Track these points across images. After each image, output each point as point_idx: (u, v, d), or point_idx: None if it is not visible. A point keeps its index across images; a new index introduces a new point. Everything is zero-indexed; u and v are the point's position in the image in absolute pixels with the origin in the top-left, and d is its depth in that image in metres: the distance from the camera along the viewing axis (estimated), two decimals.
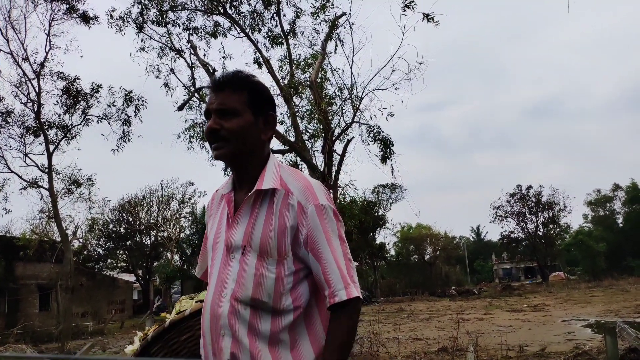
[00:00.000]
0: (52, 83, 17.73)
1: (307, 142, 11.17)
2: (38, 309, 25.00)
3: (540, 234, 42.12)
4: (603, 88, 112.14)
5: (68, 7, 16.90)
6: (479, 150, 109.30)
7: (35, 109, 17.45)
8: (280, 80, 11.50)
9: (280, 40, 12.33)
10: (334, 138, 10.39)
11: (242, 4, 12.00)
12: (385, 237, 56.56)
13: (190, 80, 12.87)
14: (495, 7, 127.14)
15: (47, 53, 17.35)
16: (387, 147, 9.94)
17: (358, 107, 10.14)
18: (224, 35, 12.69)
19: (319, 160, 10.67)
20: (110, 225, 34.59)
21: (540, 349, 9.01)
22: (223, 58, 12.98)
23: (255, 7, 12.09)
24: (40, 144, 18.06)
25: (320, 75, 11.55)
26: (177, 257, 34.42)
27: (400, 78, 9.69)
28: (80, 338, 18.54)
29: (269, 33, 12.42)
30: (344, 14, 11.23)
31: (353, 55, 10.15)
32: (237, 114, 1.42)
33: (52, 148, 17.95)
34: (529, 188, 41.70)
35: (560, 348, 9.07)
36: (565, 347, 9.18)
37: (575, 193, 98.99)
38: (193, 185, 34.60)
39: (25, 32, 17.10)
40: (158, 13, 12.31)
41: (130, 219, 34.36)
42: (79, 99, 17.78)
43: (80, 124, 18.24)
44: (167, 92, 13.10)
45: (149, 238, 35.11)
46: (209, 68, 12.29)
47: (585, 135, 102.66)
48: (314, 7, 11.70)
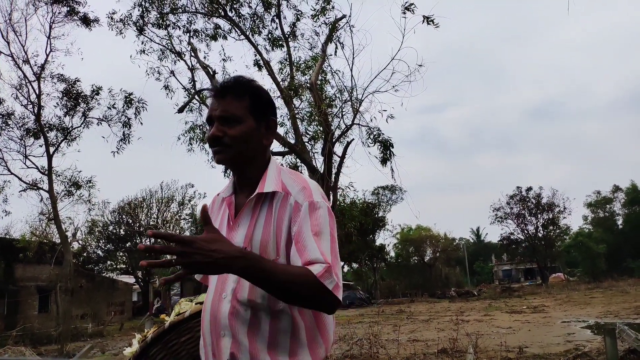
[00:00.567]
0: (52, 85, 17.85)
1: (307, 144, 11.20)
2: (37, 311, 24.99)
3: (540, 236, 42.12)
4: (603, 89, 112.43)
5: (69, 9, 16.96)
6: (479, 152, 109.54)
7: (36, 111, 17.48)
8: (281, 83, 11.53)
9: (281, 43, 12.35)
10: (334, 140, 10.40)
11: (242, 7, 12.04)
12: (385, 238, 57.01)
13: (191, 83, 12.91)
14: (495, 8, 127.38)
15: (47, 55, 17.42)
16: (387, 148, 9.96)
17: (358, 109, 10.17)
18: (225, 38, 12.72)
19: (319, 162, 10.69)
20: (110, 227, 34.60)
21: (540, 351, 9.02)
22: (223, 60, 13.02)
23: (256, 9, 12.13)
24: (41, 146, 18.11)
25: (321, 78, 11.57)
26: None
27: (400, 80, 9.73)
28: (80, 340, 18.53)
29: (269, 35, 12.44)
30: (344, 17, 11.26)
31: (353, 58, 10.18)
32: (239, 121, 1.43)
33: (52, 150, 17.98)
34: (529, 190, 41.76)
35: (560, 349, 9.06)
36: (565, 348, 9.17)
37: (575, 195, 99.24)
38: (193, 187, 34.73)
39: (26, 34, 17.17)
40: (158, 15, 12.34)
41: (130, 221, 34.35)
42: (79, 101, 17.82)
43: (81, 126, 18.31)
44: (167, 94, 13.14)
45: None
46: (209, 70, 12.32)
47: (585, 137, 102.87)
48: (314, 9, 11.74)
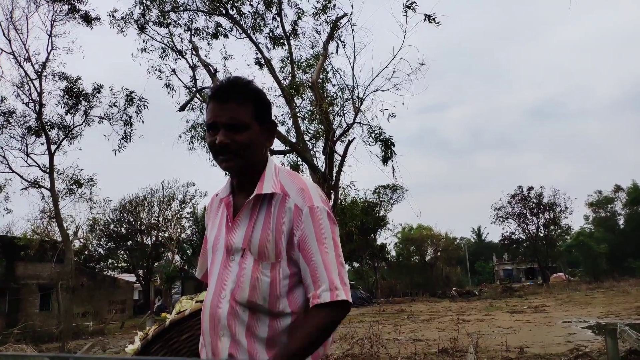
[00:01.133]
0: (53, 83, 17.79)
1: (308, 142, 11.18)
2: (39, 309, 25.03)
3: (541, 235, 42.07)
4: (605, 88, 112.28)
5: (70, 7, 16.94)
6: (480, 151, 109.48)
7: (37, 109, 17.49)
8: (282, 81, 11.52)
9: (282, 41, 12.33)
10: (335, 139, 10.39)
11: (243, 5, 12.02)
12: (386, 237, 56.90)
13: (192, 81, 12.89)
14: (495, 8, 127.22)
15: (48, 53, 17.40)
16: (388, 147, 9.95)
17: (359, 107, 10.16)
18: (226, 36, 12.70)
19: (320, 161, 10.69)
20: (111, 226, 34.63)
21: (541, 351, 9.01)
22: (225, 59, 12.99)
23: (257, 8, 12.10)
24: (42, 144, 18.11)
25: (322, 76, 11.56)
26: (177, 257, 34.43)
27: (402, 79, 9.72)
28: (81, 338, 18.56)
29: (271, 34, 12.42)
30: (346, 15, 11.24)
31: (354, 56, 10.16)
32: (246, 128, 1.41)
33: (53, 148, 17.99)
34: (530, 189, 41.69)
35: (561, 349, 9.05)
36: (566, 348, 9.15)
37: (577, 194, 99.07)
38: (194, 186, 34.69)
39: (27, 32, 17.15)
40: (160, 14, 12.32)
41: (131, 219, 34.38)
42: (81, 100, 17.81)
43: (82, 124, 18.30)
44: (168, 92, 13.12)
45: (150, 238, 35.12)
46: (211, 69, 12.30)
47: (587, 136, 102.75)
48: (316, 8, 11.71)
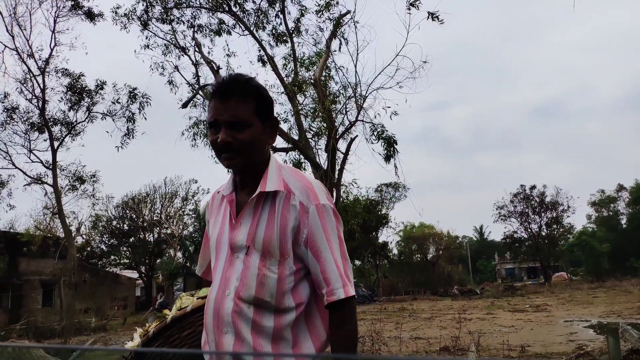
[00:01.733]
0: (56, 80, 17.84)
1: (310, 140, 11.18)
2: (41, 305, 25.11)
3: (544, 234, 42.01)
4: (607, 88, 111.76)
5: (73, 3, 16.96)
6: (483, 150, 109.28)
7: (40, 106, 17.52)
8: (285, 78, 11.51)
9: (285, 38, 12.32)
10: (338, 136, 10.39)
11: (246, 2, 12.01)
12: (388, 236, 56.89)
13: (195, 78, 12.90)
14: (498, 7, 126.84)
15: (52, 50, 17.45)
16: (390, 145, 9.94)
17: (362, 105, 10.15)
18: (229, 33, 12.70)
19: (323, 159, 10.69)
20: (114, 222, 34.69)
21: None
22: (227, 56, 12.99)
23: (260, 5, 12.09)
24: (45, 141, 18.18)
25: (325, 74, 11.54)
26: (180, 254, 34.50)
27: (405, 77, 9.71)
28: (83, 334, 18.62)
29: (274, 31, 12.41)
30: (349, 13, 11.22)
31: (357, 54, 10.16)
32: (248, 125, 1.40)
33: (56, 144, 18.04)
34: (533, 188, 41.60)
35: (563, 349, 9.04)
36: (568, 347, 9.14)
37: (579, 193, 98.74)
38: (196, 183, 34.72)
39: (31, 28, 17.22)
40: (163, 10, 12.33)
41: (134, 216, 34.44)
42: (84, 96, 17.85)
43: (85, 121, 18.35)
44: (171, 89, 13.15)
45: (152, 235, 35.17)
46: (213, 66, 12.30)
47: (590, 136, 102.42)
48: (319, 5, 11.68)
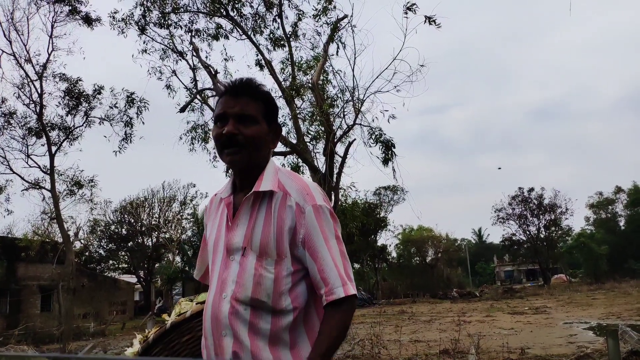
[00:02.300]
0: (54, 84, 17.81)
1: (308, 144, 11.19)
2: (39, 310, 25.04)
3: (542, 237, 42.05)
4: (606, 90, 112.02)
5: (70, 8, 16.96)
6: (481, 153, 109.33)
7: (38, 111, 17.50)
8: (282, 83, 11.53)
9: (282, 43, 12.34)
10: (336, 140, 10.40)
11: (244, 7, 12.03)
12: (387, 239, 56.65)
13: (192, 82, 12.90)
14: (497, 9, 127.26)
15: (49, 55, 17.42)
16: (388, 149, 9.95)
17: (360, 109, 10.16)
18: (226, 38, 12.71)
19: (321, 162, 10.69)
20: (112, 227, 34.63)
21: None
22: (225, 60, 13.00)
23: (257, 9, 12.11)
24: (43, 146, 18.13)
25: (322, 78, 11.56)
26: (178, 258, 34.44)
27: (402, 80, 9.73)
28: (82, 339, 18.55)
29: (271, 35, 12.43)
30: (346, 17, 11.25)
31: (355, 58, 10.17)
32: (256, 122, 1.44)
33: (54, 149, 18.00)
34: (531, 190, 41.66)
35: (562, 351, 9.04)
36: (567, 350, 9.14)
37: (577, 195, 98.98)
38: (195, 187, 34.75)
39: (28, 33, 17.19)
40: (160, 15, 12.34)
41: (132, 221, 34.39)
42: (81, 101, 17.83)
43: (82, 126, 18.31)
44: (169, 93, 13.13)
45: (151, 239, 35.13)
46: (211, 70, 12.31)
47: (588, 138, 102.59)
48: (316, 9, 11.72)
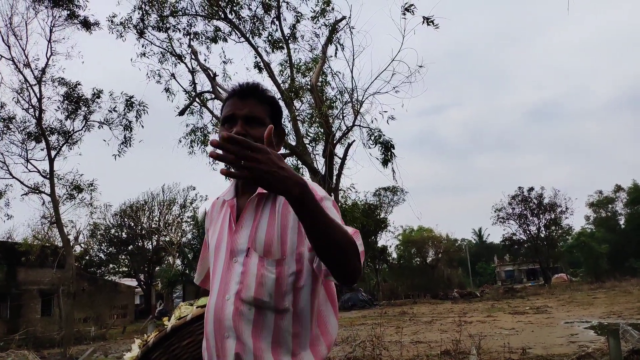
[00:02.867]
0: (53, 89, 17.87)
1: (308, 145, 11.21)
2: (40, 315, 25.01)
3: (542, 236, 42.05)
4: (604, 88, 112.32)
5: (69, 13, 16.97)
6: (481, 153, 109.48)
7: (37, 115, 17.51)
8: (281, 84, 11.55)
9: (281, 45, 12.36)
10: (335, 141, 10.42)
11: (242, 9, 12.06)
12: (387, 240, 56.67)
13: (191, 85, 12.93)
14: (494, 10, 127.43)
15: (48, 59, 17.44)
16: (388, 150, 9.98)
17: (359, 110, 10.19)
18: (225, 40, 12.75)
19: (320, 164, 10.72)
20: (112, 230, 34.62)
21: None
22: (224, 63, 13.04)
23: (256, 12, 12.14)
24: (42, 150, 18.14)
25: (321, 79, 11.59)
26: (178, 261, 34.43)
27: (401, 81, 9.79)
28: (83, 343, 18.53)
29: (270, 37, 12.46)
30: (344, 18, 11.30)
31: (353, 59, 10.22)
32: (263, 124, 1.45)
33: (53, 154, 18.00)
34: (531, 190, 41.68)
35: (563, 350, 9.03)
36: (568, 349, 9.14)
37: (577, 195, 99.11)
38: (194, 190, 34.75)
39: (27, 38, 17.19)
40: (159, 18, 12.36)
41: (132, 224, 34.37)
42: (80, 105, 17.84)
43: (82, 130, 18.33)
44: (168, 97, 13.18)
45: (151, 243, 35.10)
46: (210, 73, 12.34)
47: (587, 137, 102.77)
48: (314, 11, 11.78)
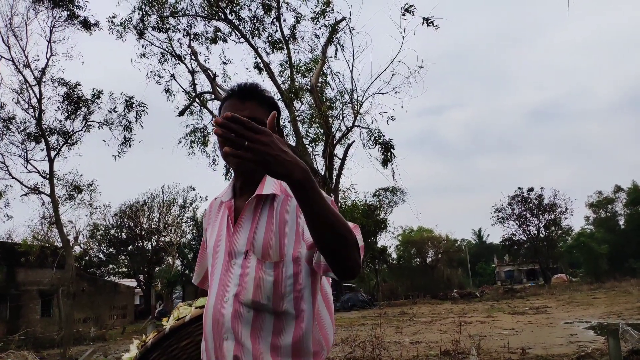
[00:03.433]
0: (53, 89, 17.81)
1: (307, 146, 11.20)
2: (40, 315, 25.00)
3: (542, 236, 42.08)
4: (604, 89, 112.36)
5: (69, 14, 16.96)
6: (480, 153, 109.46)
7: (37, 115, 17.49)
8: (281, 85, 11.55)
9: (281, 45, 12.36)
10: (335, 142, 10.42)
11: (242, 10, 12.06)
12: (387, 240, 56.85)
13: (191, 86, 12.92)
14: (495, 10, 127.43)
15: (48, 59, 17.39)
16: (388, 150, 9.98)
17: (358, 111, 10.19)
18: (225, 41, 12.74)
19: (320, 165, 10.71)
20: (112, 231, 34.61)
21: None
22: (224, 63, 13.03)
23: (256, 12, 12.14)
24: (42, 150, 18.10)
25: (321, 80, 11.59)
26: (178, 262, 34.43)
27: (401, 82, 9.79)
28: (82, 344, 18.53)
29: (269, 38, 12.46)
30: (344, 19, 11.29)
31: (353, 60, 10.22)
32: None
33: (53, 154, 17.98)
34: (530, 190, 41.72)
35: (563, 350, 9.03)
36: (568, 349, 9.14)
37: (577, 195, 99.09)
38: (194, 190, 34.73)
39: (27, 38, 17.14)
40: (158, 19, 12.36)
41: (132, 224, 34.35)
42: (80, 105, 17.82)
43: (82, 130, 18.29)
44: (168, 97, 13.16)
45: (151, 243, 35.08)
46: (210, 73, 12.33)
47: (587, 137, 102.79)
48: (314, 12, 11.77)
